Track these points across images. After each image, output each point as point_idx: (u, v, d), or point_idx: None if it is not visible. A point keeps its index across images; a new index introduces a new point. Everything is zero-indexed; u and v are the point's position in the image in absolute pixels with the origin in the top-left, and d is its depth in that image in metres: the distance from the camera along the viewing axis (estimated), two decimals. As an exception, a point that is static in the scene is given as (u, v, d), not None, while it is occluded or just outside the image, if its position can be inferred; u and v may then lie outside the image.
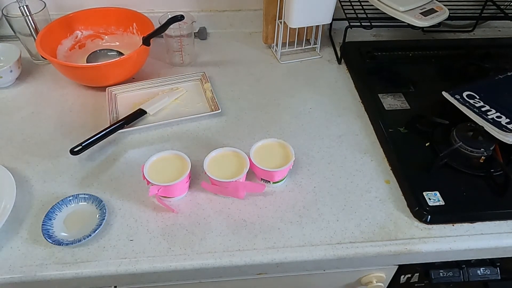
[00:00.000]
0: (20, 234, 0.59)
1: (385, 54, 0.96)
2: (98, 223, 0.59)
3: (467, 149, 0.68)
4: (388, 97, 0.82)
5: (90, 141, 0.70)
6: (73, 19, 0.89)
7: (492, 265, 0.67)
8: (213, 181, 0.63)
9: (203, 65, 0.92)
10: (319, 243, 0.59)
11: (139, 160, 0.69)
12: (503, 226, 0.62)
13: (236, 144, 0.71)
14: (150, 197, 0.63)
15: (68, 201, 0.62)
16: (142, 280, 0.58)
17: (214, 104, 0.79)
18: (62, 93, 0.84)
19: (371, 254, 0.59)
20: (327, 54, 0.96)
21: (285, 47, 0.94)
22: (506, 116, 0.71)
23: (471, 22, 1.05)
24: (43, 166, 0.69)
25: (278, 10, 0.88)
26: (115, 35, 0.93)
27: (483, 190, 0.65)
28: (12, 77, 0.84)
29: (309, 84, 0.87)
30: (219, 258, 0.57)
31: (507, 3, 0.98)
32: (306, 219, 0.62)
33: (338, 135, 0.75)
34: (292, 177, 0.68)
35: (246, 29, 1.02)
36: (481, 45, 1.01)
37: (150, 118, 0.78)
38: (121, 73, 0.83)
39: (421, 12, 0.83)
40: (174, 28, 0.85)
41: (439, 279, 0.66)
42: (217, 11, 1.00)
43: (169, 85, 0.85)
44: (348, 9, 0.90)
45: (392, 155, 0.70)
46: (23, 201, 0.63)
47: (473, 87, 0.78)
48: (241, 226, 0.61)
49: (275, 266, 0.58)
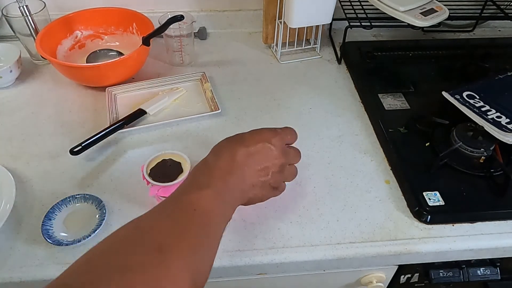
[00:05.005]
0: (20, 234, 0.59)
1: (385, 54, 0.95)
2: (98, 223, 0.59)
3: (467, 149, 0.68)
4: (388, 97, 0.82)
5: (90, 141, 0.70)
6: (73, 19, 0.89)
7: (492, 265, 0.67)
8: (213, 181, 0.63)
9: (203, 65, 0.92)
10: (319, 243, 0.59)
11: (139, 160, 0.69)
12: (503, 226, 0.62)
13: (236, 144, 0.71)
14: (150, 197, 0.63)
15: (68, 201, 0.62)
16: (142, 280, 0.58)
17: (214, 104, 0.79)
18: (62, 93, 0.84)
19: (371, 254, 0.59)
20: (327, 54, 0.96)
21: (285, 47, 0.94)
22: (506, 116, 0.71)
23: (471, 22, 1.05)
24: (43, 166, 0.69)
25: (278, 10, 0.88)
26: (115, 35, 0.93)
27: (483, 190, 0.65)
28: (12, 77, 0.84)
29: (309, 84, 0.87)
30: (219, 258, 0.57)
31: (507, 3, 0.98)
32: (306, 219, 0.62)
33: (338, 135, 0.75)
34: (292, 177, 0.68)
35: (246, 29, 1.02)
36: (481, 45, 1.01)
37: (150, 118, 0.78)
38: (121, 73, 0.83)
39: (421, 12, 0.83)
40: (174, 28, 0.85)
41: (439, 279, 0.66)
42: (217, 11, 1.00)
43: (169, 85, 0.85)
44: (348, 9, 0.90)
45: (392, 155, 0.70)
46: (23, 201, 0.63)
47: (473, 87, 0.78)
48: (241, 226, 0.61)
49: (275, 266, 0.58)
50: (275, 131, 0.54)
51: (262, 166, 0.52)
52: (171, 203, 0.46)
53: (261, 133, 0.53)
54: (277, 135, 0.54)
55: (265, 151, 0.52)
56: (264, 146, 0.52)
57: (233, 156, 0.50)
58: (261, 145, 0.52)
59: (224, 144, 0.53)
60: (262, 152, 0.52)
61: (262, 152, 0.52)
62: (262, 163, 0.52)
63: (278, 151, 0.53)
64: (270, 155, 0.52)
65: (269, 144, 0.52)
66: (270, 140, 0.53)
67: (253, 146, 0.51)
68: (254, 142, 0.52)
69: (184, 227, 0.43)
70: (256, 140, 0.52)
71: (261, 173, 0.52)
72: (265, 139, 0.52)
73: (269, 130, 0.54)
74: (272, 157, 0.52)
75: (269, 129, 0.55)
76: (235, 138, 0.53)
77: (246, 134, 0.53)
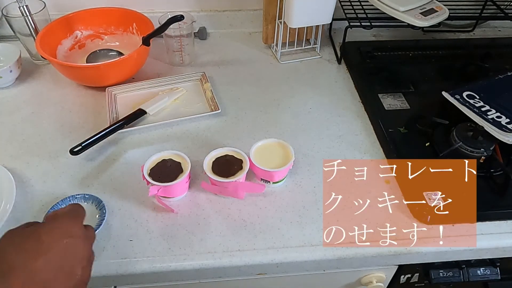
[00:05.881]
0: (20, 234, 0.59)
1: (385, 54, 0.96)
2: (98, 223, 0.59)
3: (467, 149, 0.68)
4: (388, 97, 0.82)
5: (90, 141, 0.70)
6: (73, 19, 0.89)
7: (492, 265, 0.67)
8: (213, 181, 0.63)
9: (203, 65, 0.92)
10: (319, 243, 0.59)
11: (139, 160, 0.69)
12: (503, 226, 0.62)
13: (236, 144, 0.71)
14: (150, 197, 0.63)
15: (68, 201, 0.62)
16: (142, 280, 0.58)
17: (214, 104, 0.79)
18: (62, 93, 0.84)
19: (371, 254, 0.59)
20: (327, 54, 0.96)
21: (285, 47, 0.94)
22: (506, 116, 0.71)
23: (471, 22, 1.05)
24: (43, 166, 0.69)
25: (278, 10, 0.88)
26: (115, 35, 0.93)
27: (483, 190, 0.65)
28: (12, 77, 0.84)
29: (309, 84, 0.87)
30: (219, 258, 0.57)
31: (507, 3, 0.98)
32: (306, 219, 0.62)
33: (338, 135, 0.75)
34: (292, 177, 0.68)
35: (246, 29, 1.02)
36: (481, 45, 1.01)
37: (150, 118, 0.78)
38: (121, 73, 0.83)
39: (421, 12, 0.83)
40: (174, 28, 0.85)
41: (439, 279, 0.66)
42: (217, 11, 1.00)
43: (169, 85, 0.85)
44: (348, 9, 0.90)
45: (392, 155, 0.70)
46: (23, 201, 0.63)
47: (473, 87, 0.78)
48: (241, 226, 0.61)
49: (275, 266, 0.58)
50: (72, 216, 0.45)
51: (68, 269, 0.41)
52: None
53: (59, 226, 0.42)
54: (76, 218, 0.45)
55: (68, 250, 0.41)
56: (67, 244, 0.41)
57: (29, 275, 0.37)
58: (63, 245, 0.40)
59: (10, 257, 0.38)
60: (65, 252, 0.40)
61: (66, 252, 0.40)
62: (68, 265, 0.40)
63: (81, 242, 0.43)
64: (75, 252, 0.42)
65: (71, 239, 0.42)
66: (71, 232, 0.42)
67: (52, 251, 0.39)
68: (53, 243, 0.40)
69: None
70: (55, 239, 0.40)
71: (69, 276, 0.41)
72: (66, 234, 0.41)
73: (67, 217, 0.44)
74: (77, 253, 0.42)
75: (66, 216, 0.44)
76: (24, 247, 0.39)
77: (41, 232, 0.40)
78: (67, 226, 0.43)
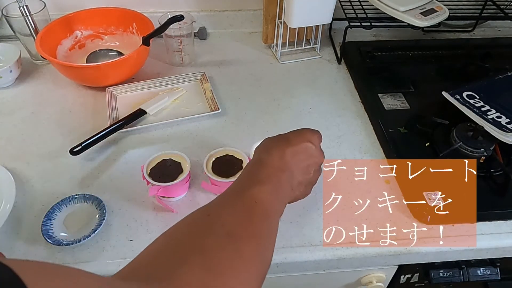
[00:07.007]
0: (20, 234, 0.59)
1: (385, 54, 0.96)
2: (98, 223, 0.59)
3: (467, 149, 0.68)
4: (388, 97, 0.82)
5: (90, 141, 0.70)
6: (73, 19, 0.89)
7: (492, 265, 0.67)
8: (213, 181, 0.63)
9: (203, 65, 0.92)
10: (319, 243, 0.59)
11: (139, 160, 0.69)
12: (503, 226, 0.62)
13: (236, 144, 0.71)
14: (150, 197, 0.63)
15: (68, 201, 0.62)
16: (142, 280, 0.58)
17: (214, 104, 0.79)
18: (62, 93, 0.84)
19: (371, 254, 0.59)
20: (327, 54, 0.96)
21: (285, 47, 0.94)
22: (506, 116, 0.71)
23: (471, 22, 1.05)
24: (43, 166, 0.69)
25: (278, 10, 0.88)
26: (115, 35, 0.93)
27: (483, 190, 0.65)
28: (12, 77, 0.84)
29: (309, 84, 0.87)
30: (219, 258, 0.57)
31: (507, 3, 0.98)
32: (306, 219, 0.62)
33: (338, 135, 0.75)
34: (292, 177, 0.67)
35: (246, 29, 1.02)
36: (481, 45, 1.01)
37: (150, 118, 0.78)
38: (121, 73, 0.83)
39: (421, 12, 0.83)
40: (174, 28, 0.85)
41: (439, 279, 0.66)
42: (217, 11, 1.00)
43: (169, 85, 0.85)
44: (348, 9, 0.90)
45: (392, 155, 0.70)
46: (23, 201, 0.63)
47: (473, 87, 0.78)
48: (241, 226, 0.61)
49: (275, 266, 0.58)
50: (313, 131, 0.57)
51: (306, 164, 0.54)
52: (232, 195, 0.48)
53: (303, 133, 0.56)
54: (315, 134, 0.57)
55: (308, 150, 0.54)
56: (307, 145, 0.54)
57: (282, 155, 0.52)
58: (305, 145, 0.54)
59: (270, 144, 0.55)
60: (305, 151, 0.54)
61: (306, 151, 0.54)
62: (306, 161, 0.54)
63: (317, 151, 0.56)
64: (312, 154, 0.55)
65: (311, 144, 0.55)
66: (311, 139, 0.55)
67: (298, 146, 0.53)
68: (299, 141, 0.54)
69: (247, 218, 0.45)
70: (300, 140, 0.54)
71: (305, 171, 0.55)
72: (307, 139, 0.55)
73: (309, 130, 0.57)
74: (314, 156, 0.55)
75: (309, 129, 0.57)
76: (279, 139, 0.55)
77: (290, 135, 0.56)
78: (309, 135, 0.56)
